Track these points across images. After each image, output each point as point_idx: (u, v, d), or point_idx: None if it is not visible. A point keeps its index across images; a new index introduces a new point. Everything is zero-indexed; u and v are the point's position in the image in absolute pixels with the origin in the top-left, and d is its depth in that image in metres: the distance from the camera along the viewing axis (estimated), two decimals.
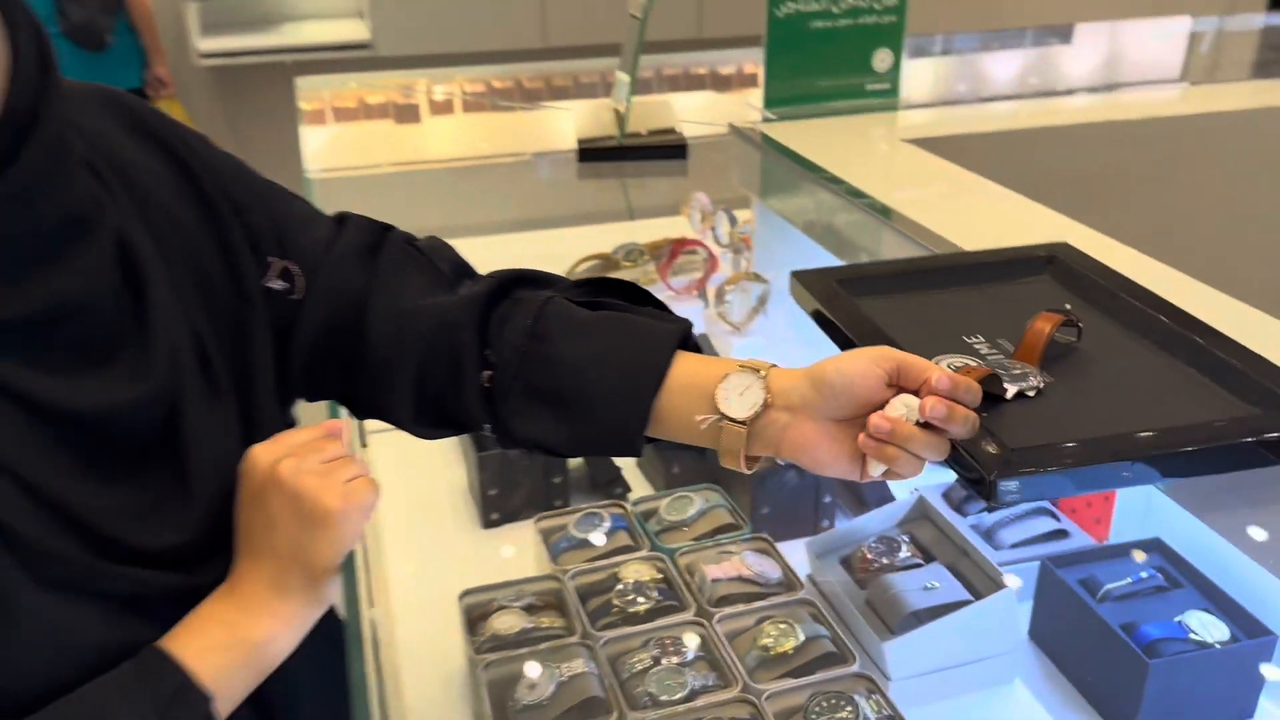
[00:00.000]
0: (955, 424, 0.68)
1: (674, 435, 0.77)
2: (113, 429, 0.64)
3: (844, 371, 0.70)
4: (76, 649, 0.61)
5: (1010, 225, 1.32)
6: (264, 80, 4.32)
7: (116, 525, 0.63)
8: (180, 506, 0.67)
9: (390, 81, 2.78)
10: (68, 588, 0.61)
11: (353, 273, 0.80)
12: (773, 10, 1.69)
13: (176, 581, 0.66)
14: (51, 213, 0.61)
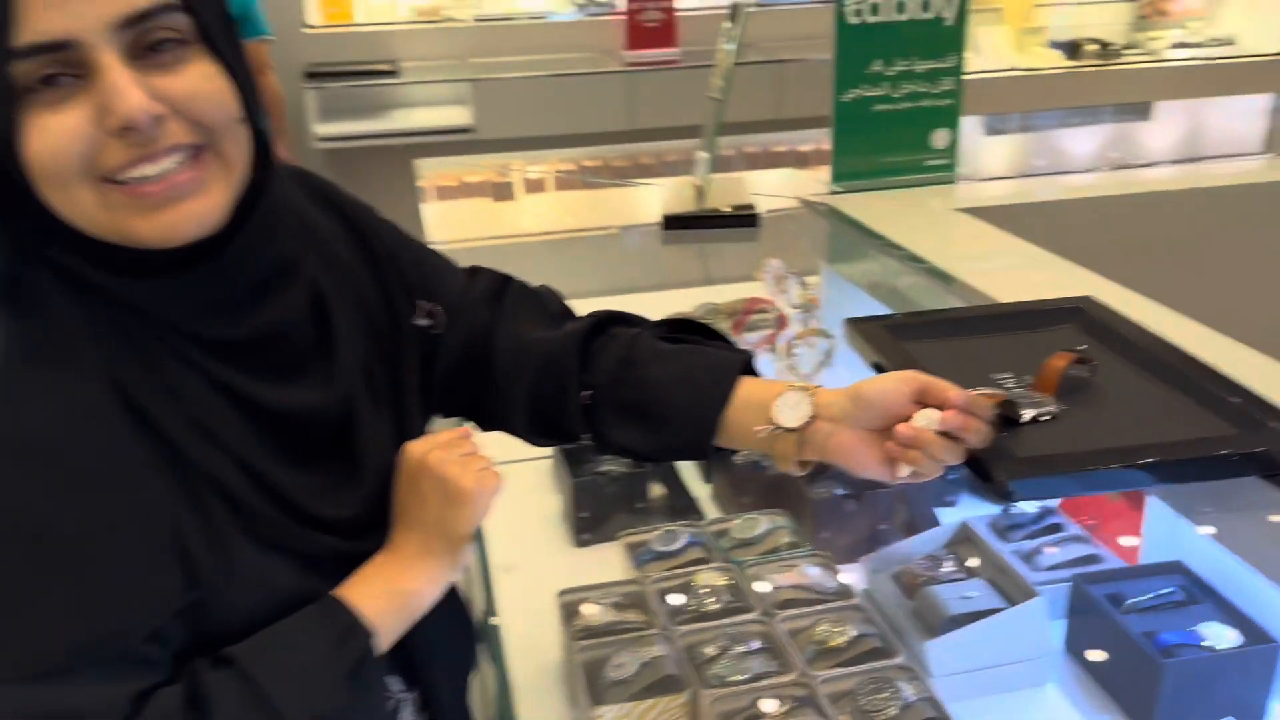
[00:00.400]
0: (969, 433, 0.84)
1: (738, 444, 0.94)
2: (304, 426, 0.84)
3: (877, 389, 0.87)
4: (272, 591, 0.80)
5: (1045, 282, 1.48)
6: (374, 161, 4.67)
7: (304, 499, 0.82)
8: (350, 488, 0.86)
9: (490, 162, 3.05)
10: (268, 543, 0.80)
11: (483, 312, 1.00)
12: (838, 95, 1.89)
13: (345, 547, 0.85)
14: (267, 262, 0.81)
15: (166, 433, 0.75)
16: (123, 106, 0.67)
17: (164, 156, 0.70)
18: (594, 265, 2.45)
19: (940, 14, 1.90)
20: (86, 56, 0.67)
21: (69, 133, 0.68)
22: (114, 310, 0.74)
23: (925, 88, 1.93)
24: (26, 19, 0.65)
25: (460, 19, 4.95)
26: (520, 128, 4.44)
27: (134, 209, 0.70)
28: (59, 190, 0.70)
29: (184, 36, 0.71)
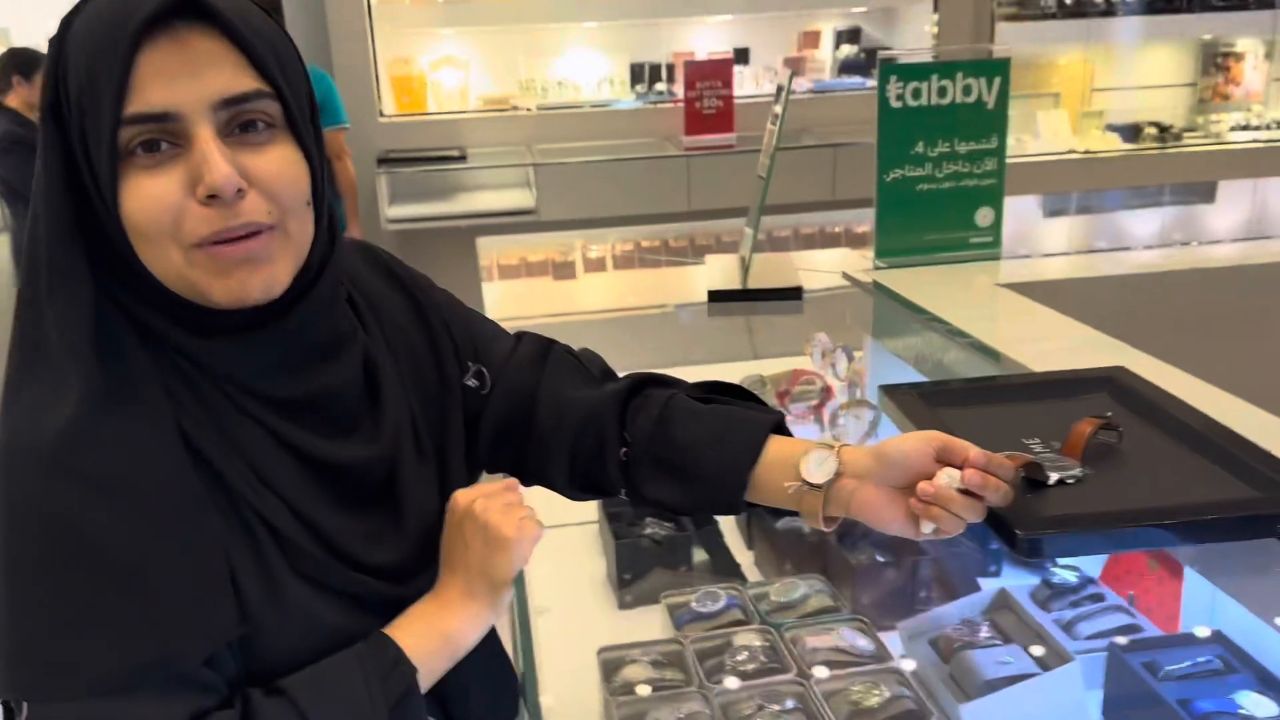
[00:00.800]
0: (989, 491, 0.87)
1: (767, 500, 0.99)
2: (353, 477, 0.90)
3: (900, 448, 0.91)
4: (319, 629, 0.86)
5: (1084, 355, 1.51)
6: (441, 242, 4.84)
7: (351, 543, 0.88)
8: (394, 535, 0.92)
9: (552, 241, 3.15)
10: (316, 583, 0.86)
11: (528, 374, 1.06)
12: (881, 175, 1.95)
13: (387, 590, 0.90)
14: (325, 332, 0.88)
15: (224, 476, 0.82)
16: (211, 176, 0.75)
17: (241, 229, 0.78)
18: (647, 340, 2.52)
19: (981, 98, 1.97)
20: (186, 129, 0.76)
21: (162, 196, 0.76)
22: (183, 363, 0.82)
23: (968, 168, 1.99)
24: (139, 92, 0.75)
25: (526, 107, 5.14)
26: (579, 209, 4.58)
27: (212, 271, 0.79)
28: (150, 246, 0.78)
29: (273, 121, 0.80)
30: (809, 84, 5.33)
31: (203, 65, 0.76)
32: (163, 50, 0.75)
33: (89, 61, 0.76)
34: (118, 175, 0.76)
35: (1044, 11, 5.49)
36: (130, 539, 0.75)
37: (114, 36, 0.74)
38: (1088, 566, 1.46)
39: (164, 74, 0.75)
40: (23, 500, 0.75)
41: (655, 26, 5.35)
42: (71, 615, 0.74)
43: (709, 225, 3.65)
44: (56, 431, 0.75)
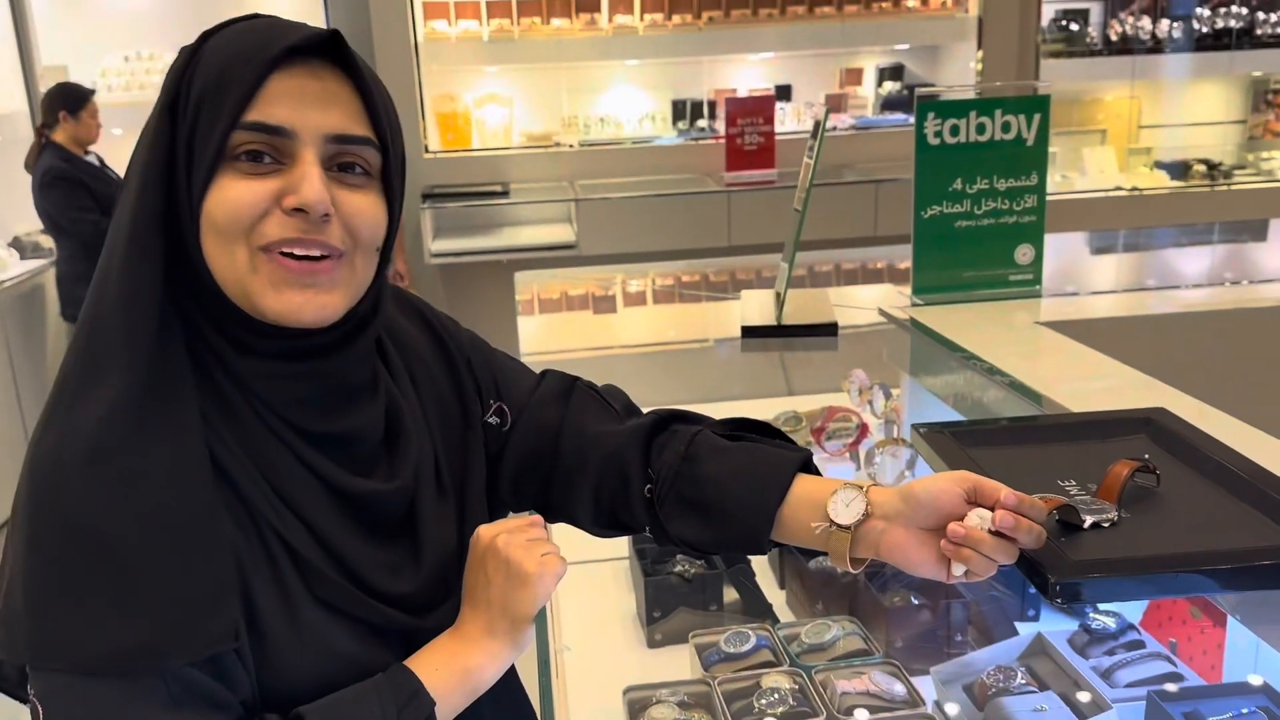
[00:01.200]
0: (1021, 533, 0.86)
1: (794, 540, 0.97)
2: (374, 510, 0.91)
3: (929, 489, 0.89)
4: (332, 654, 0.86)
5: (1123, 395, 1.48)
6: (482, 275, 4.89)
7: (370, 572, 0.89)
8: (412, 568, 0.92)
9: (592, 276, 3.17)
10: (333, 608, 0.86)
11: (551, 411, 1.06)
12: (919, 212, 1.94)
13: (404, 620, 0.91)
14: (358, 378, 0.91)
15: (249, 495, 0.83)
16: (307, 190, 0.80)
17: (314, 247, 0.82)
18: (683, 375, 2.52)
19: (1021, 134, 1.95)
20: (294, 148, 0.81)
21: (252, 198, 0.80)
22: (221, 379, 0.84)
23: (1008, 205, 1.97)
24: (264, 104, 0.80)
25: (568, 144, 5.20)
26: (620, 244, 4.61)
27: (272, 281, 0.81)
28: (220, 244, 0.81)
29: (370, 169, 0.86)
30: (851, 120, 5.34)
31: (327, 100, 0.82)
32: (297, 77, 0.81)
33: (221, 70, 0.80)
34: (215, 172, 0.80)
35: (1090, 48, 5.46)
36: (141, 540, 0.76)
37: (255, 54, 0.80)
38: (1128, 612, 1.43)
39: (291, 96, 0.80)
40: (50, 487, 0.77)
41: (697, 64, 5.39)
42: (71, 597, 0.75)
43: (749, 260, 3.65)
44: (93, 425, 0.77)
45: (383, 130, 0.85)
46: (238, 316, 0.83)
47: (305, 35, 0.81)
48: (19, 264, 4.57)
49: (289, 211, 0.80)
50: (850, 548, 0.93)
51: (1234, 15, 5.43)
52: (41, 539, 0.76)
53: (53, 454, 0.77)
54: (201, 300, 0.83)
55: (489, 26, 5.00)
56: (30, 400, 4.44)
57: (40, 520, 0.76)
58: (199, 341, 0.84)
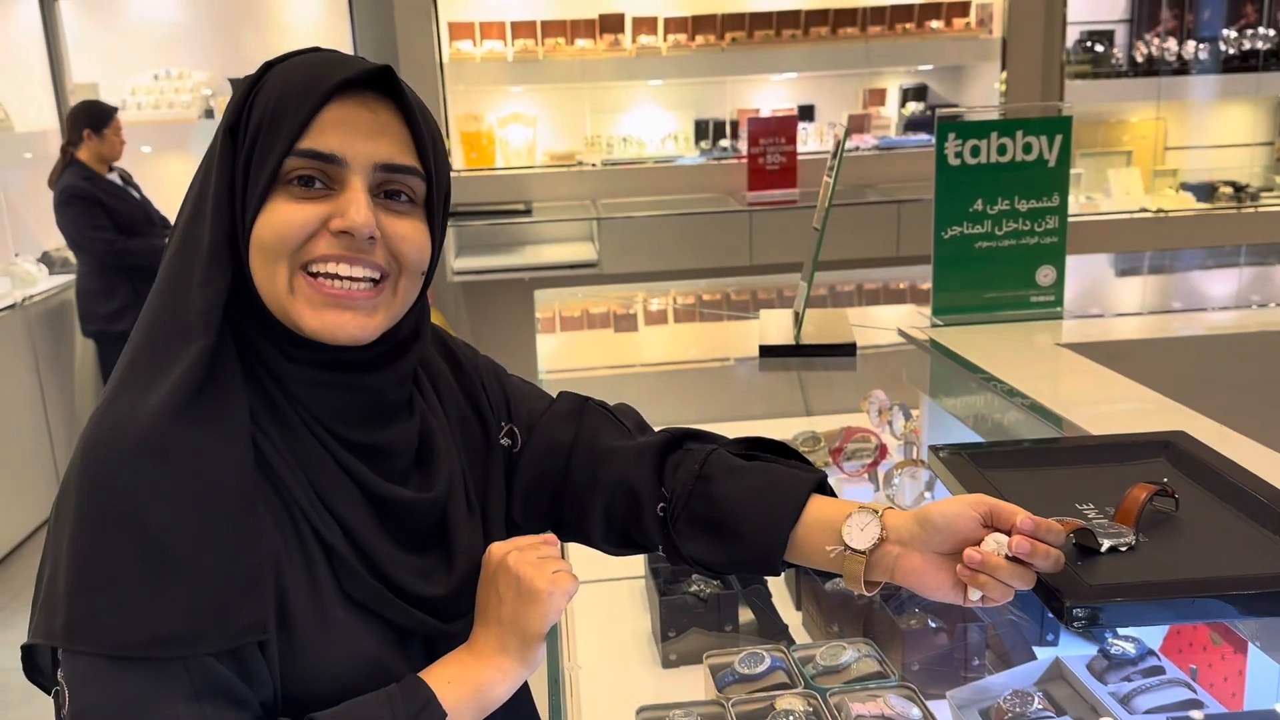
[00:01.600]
0: (1038, 558, 0.85)
1: (807, 561, 0.97)
2: (408, 516, 0.93)
3: (945, 513, 0.89)
4: (358, 656, 0.87)
5: (1144, 418, 1.46)
6: (504, 293, 4.92)
7: (403, 575, 0.91)
8: (444, 573, 0.94)
9: (613, 294, 3.17)
10: (364, 608, 0.88)
11: (562, 429, 1.07)
12: (939, 232, 1.93)
13: (433, 624, 0.92)
14: (396, 395, 0.94)
15: (291, 493, 0.86)
16: (354, 214, 0.84)
17: (359, 265, 0.86)
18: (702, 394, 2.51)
19: (1043, 156, 1.94)
20: (344, 175, 0.85)
21: (301, 220, 0.84)
22: (269, 383, 0.88)
23: (1029, 226, 1.96)
24: (317, 133, 0.84)
25: (591, 163, 5.22)
26: (642, 263, 4.62)
27: (311, 302, 0.86)
28: (265, 262, 0.85)
29: (415, 198, 0.90)
30: (874, 141, 5.34)
31: (378, 131, 0.86)
32: (349, 108, 0.85)
33: (280, 99, 0.84)
34: (268, 196, 0.84)
35: (1115, 70, 5.44)
36: (181, 530, 0.78)
37: (312, 85, 0.84)
38: (1148, 638, 1.41)
39: (344, 126, 0.84)
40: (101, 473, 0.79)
41: (720, 84, 5.41)
42: (109, 581, 0.77)
43: (771, 279, 3.64)
44: (150, 418, 0.80)
45: (428, 160, 0.89)
46: (281, 328, 0.87)
47: (360, 70, 0.85)
48: (48, 279, 4.63)
49: (336, 234, 0.85)
50: (865, 571, 0.92)
51: (1261, 37, 5.40)
52: (87, 525, 0.78)
53: (107, 441, 0.80)
54: (251, 310, 0.87)
55: (514, 47, 5.04)
56: (56, 412, 4.49)
57: (87, 506, 0.79)
58: (248, 349, 0.87)
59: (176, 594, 0.77)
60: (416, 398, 0.98)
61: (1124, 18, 5.51)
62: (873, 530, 0.92)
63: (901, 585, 0.92)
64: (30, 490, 4.29)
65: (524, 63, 5.05)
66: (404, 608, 0.90)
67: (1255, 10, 5.44)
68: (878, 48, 5.17)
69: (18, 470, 4.19)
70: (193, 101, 5.15)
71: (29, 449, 4.29)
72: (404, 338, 0.93)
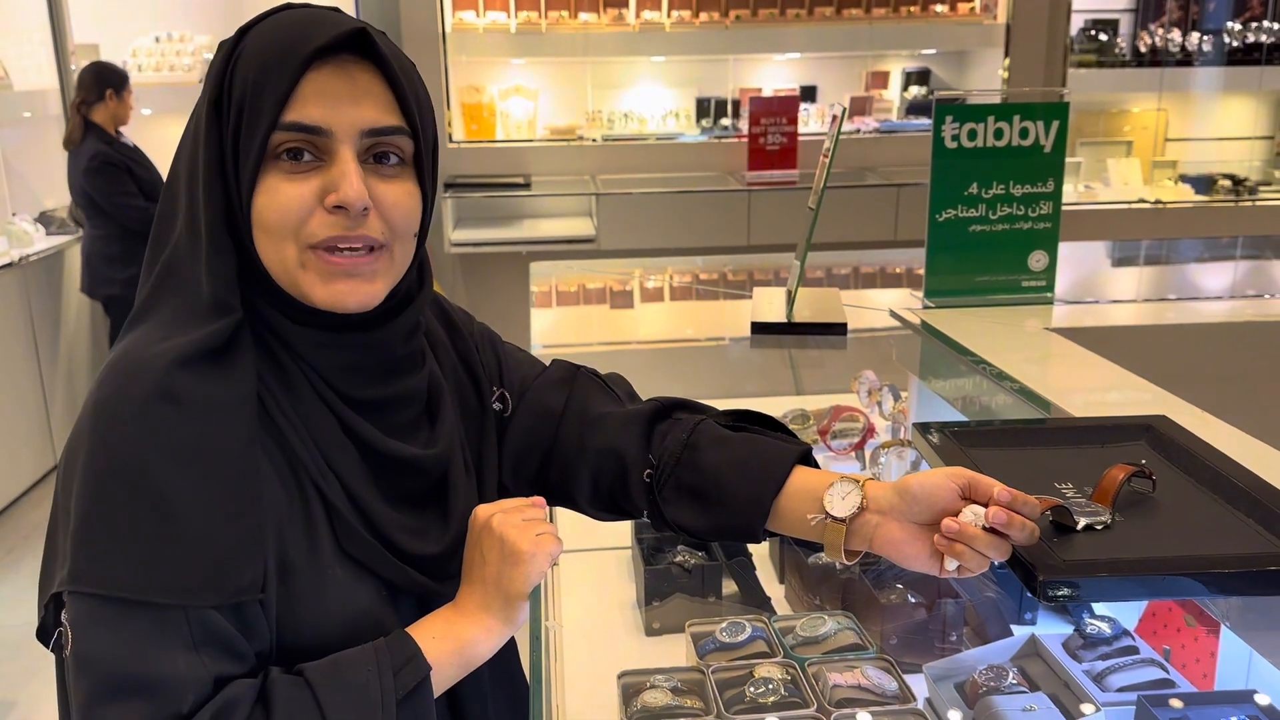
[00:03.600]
0: (1014, 529, 0.87)
1: (789, 530, 0.99)
2: (409, 474, 0.95)
3: (924, 484, 0.91)
4: (354, 613, 0.89)
5: (1128, 403, 1.48)
6: (501, 266, 4.92)
7: (399, 534, 0.93)
8: (439, 531, 0.96)
9: (610, 270, 3.18)
10: (359, 564, 0.90)
11: (554, 395, 1.09)
12: (933, 215, 1.94)
13: (424, 583, 0.94)
14: (400, 352, 0.96)
15: (295, 452, 0.88)
16: (346, 189, 0.85)
17: (357, 240, 0.87)
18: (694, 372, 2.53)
19: (1039, 141, 1.95)
20: (332, 145, 0.85)
21: (297, 198, 0.85)
22: (276, 345, 0.90)
23: (1023, 210, 1.97)
24: (299, 105, 0.84)
25: (591, 138, 5.22)
26: (639, 240, 4.62)
27: (320, 275, 0.87)
28: (270, 241, 0.86)
29: (404, 157, 0.90)
30: (875, 124, 5.33)
31: (359, 95, 0.85)
32: (328, 75, 0.84)
33: (259, 71, 0.84)
34: (259, 172, 0.85)
35: (1119, 59, 5.43)
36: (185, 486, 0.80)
37: (288, 54, 0.83)
38: (1124, 618, 1.43)
39: (325, 95, 0.84)
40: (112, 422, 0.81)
41: (723, 62, 5.40)
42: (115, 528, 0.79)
43: (768, 258, 3.65)
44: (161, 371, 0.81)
45: (413, 118, 0.89)
46: (286, 295, 0.89)
47: (332, 35, 0.84)
48: (45, 239, 4.63)
49: (330, 209, 0.85)
50: (845, 540, 0.94)
51: (1265, 30, 5.39)
52: (96, 477, 0.80)
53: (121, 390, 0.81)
54: (254, 278, 0.89)
55: (516, 19, 5.02)
56: (50, 370, 4.50)
57: (98, 457, 0.80)
58: (254, 314, 0.89)
59: (179, 547, 0.79)
60: (427, 351, 1.01)
61: (1129, 7, 5.50)
62: (854, 499, 0.94)
63: (880, 554, 0.94)
64: (25, 448, 4.30)
65: (527, 35, 5.04)
66: (399, 566, 0.92)
67: (1260, 4, 5.43)
68: (882, 30, 5.16)
69: (12, 428, 4.20)
70: (194, 64, 5.14)
71: (24, 407, 4.31)
72: (405, 292, 0.95)
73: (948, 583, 1.49)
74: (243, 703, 0.80)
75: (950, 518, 0.88)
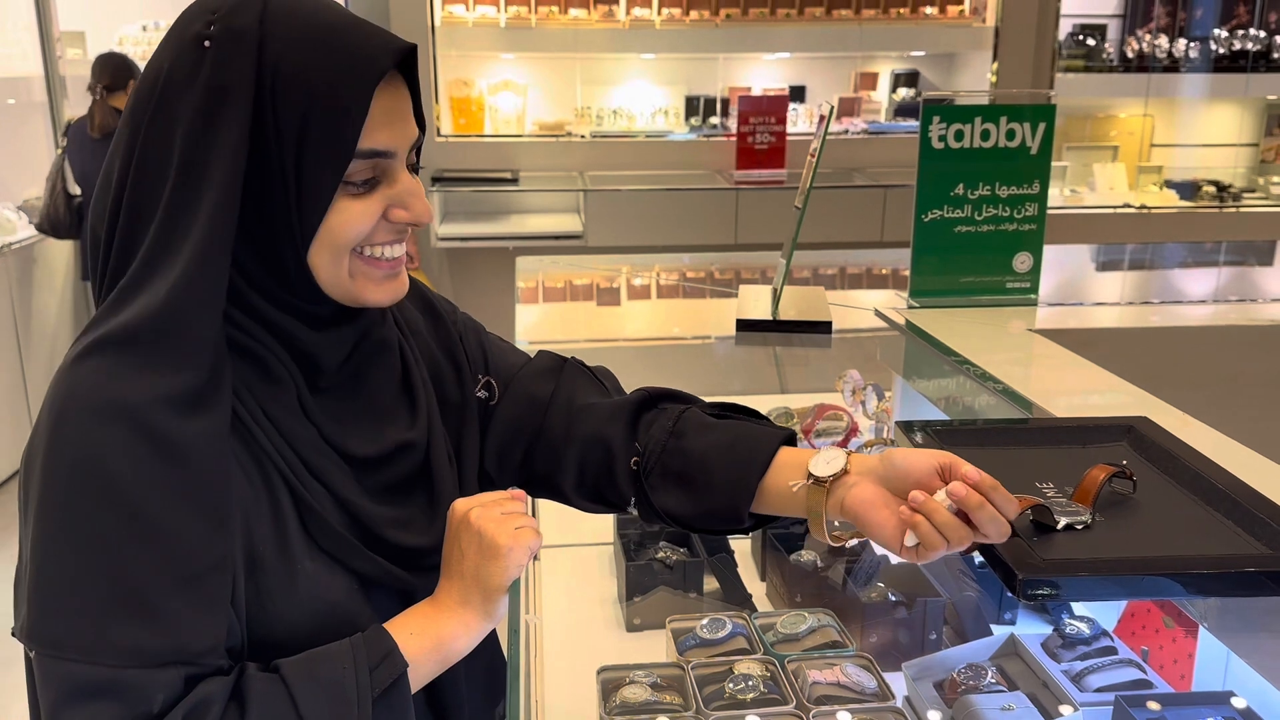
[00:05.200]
0: (976, 511, 0.86)
1: (774, 508, 0.99)
2: (393, 464, 0.95)
3: (907, 456, 0.91)
4: (323, 606, 0.88)
5: (1110, 404, 1.49)
6: (488, 261, 4.91)
7: (381, 526, 0.92)
8: (424, 520, 0.96)
9: (597, 265, 3.18)
10: (331, 556, 0.89)
11: (541, 383, 1.08)
12: (919, 215, 1.95)
13: (399, 575, 0.93)
14: (376, 336, 0.96)
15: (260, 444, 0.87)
16: (419, 208, 0.90)
17: (401, 244, 0.91)
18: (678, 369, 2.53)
19: (1025, 143, 1.96)
20: (393, 166, 0.88)
21: (365, 215, 0.87)
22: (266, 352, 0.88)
23: (1008, 212, 1.98)
24: (370, 132, 0.84)
25: (580, 134, 5.21)
26: (627, 237, 4.61)
27: (370, 278, 0.90)
28: (332, 255, 0.87)
29: (419, 163, 0.93)
30: (864, 125, 5.34)
31: (405, 112, 0.88)
32: (387, 95, 0.85)
33: (327, 92, 0.81)
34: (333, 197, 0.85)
35: (1106, 64, 5.45)
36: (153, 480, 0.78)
37: (355, 75, 0.82)
38: (1103, 619, 1.44)
39: (388, 115, 0.86)
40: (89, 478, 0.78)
41: (713, 61, 5.39)
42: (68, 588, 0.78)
43: (755, 257, 3.65)
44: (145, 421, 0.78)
45: (423, 120, 0.92)
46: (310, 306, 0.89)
47: (395, 55, 0.84)
48: (26, 227, 4.59)
49: (394, 221, 0.89)
50: (826, 509, 0.94)
51: (1252, 38, 5.42)
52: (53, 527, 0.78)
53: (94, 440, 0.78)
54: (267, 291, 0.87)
55: (506, 14, 5.01)
56: (31, 358, 4.47)
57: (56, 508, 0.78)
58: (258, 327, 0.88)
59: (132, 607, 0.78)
60: (398, 340, 1.01)
61: (1117, 13, 5.53)
62: (838, 463, 0.94)
63: (850, 519, 0.93)
64: (3, 438, 4.27)
65: (516, 30, 5.02)
66: (371, 557, 0.91)
67: (1247, 11, 5.46)
68: (871, 31, 5.16)
69: None
70: None
71: (5, 397, 4.27)
72: None
73: (928, 582, 1.49)
74: (215, 701, 0.79)
75: (919, 490, 0.88)
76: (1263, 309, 2.17)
